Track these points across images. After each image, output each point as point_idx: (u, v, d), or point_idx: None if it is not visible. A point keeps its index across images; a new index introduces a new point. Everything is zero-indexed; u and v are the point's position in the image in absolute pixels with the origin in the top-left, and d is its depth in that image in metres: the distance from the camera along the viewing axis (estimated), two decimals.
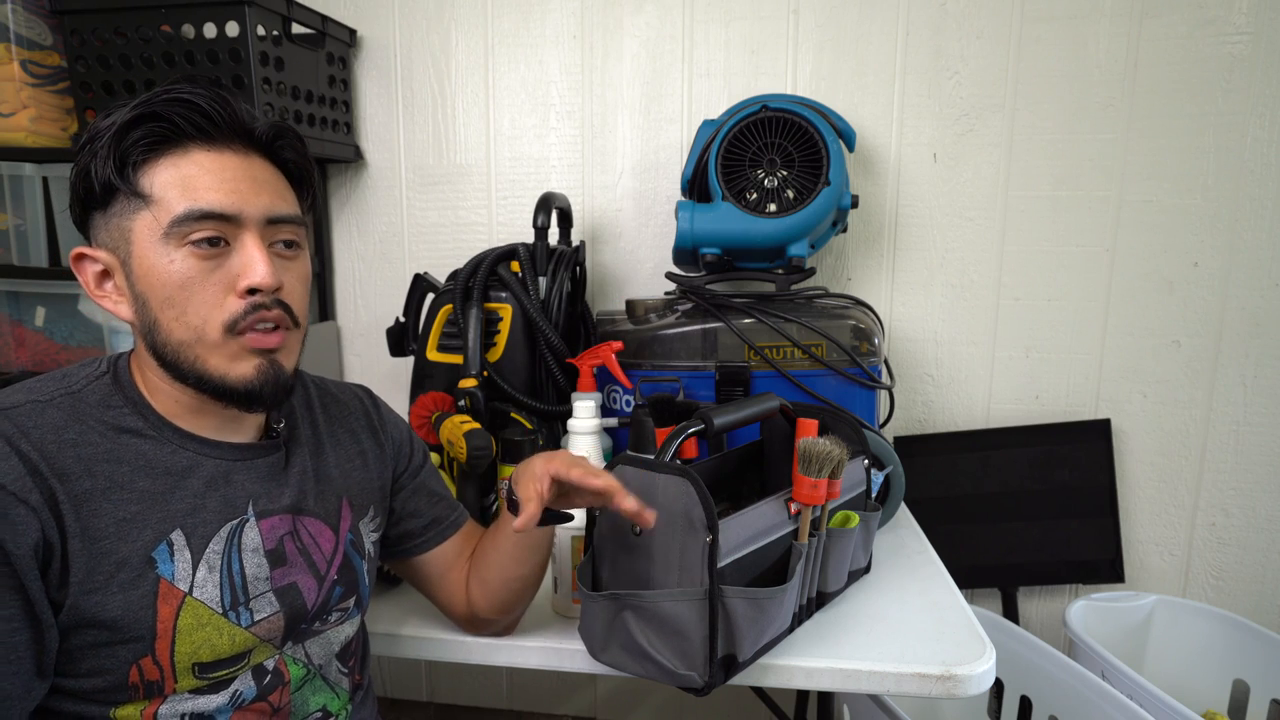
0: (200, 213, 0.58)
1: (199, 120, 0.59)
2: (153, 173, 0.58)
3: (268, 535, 0.65)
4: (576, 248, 1.24)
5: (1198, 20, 1.27)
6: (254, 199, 0.60)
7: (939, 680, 0.75)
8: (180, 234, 0.58)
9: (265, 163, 0.63)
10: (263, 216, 0.60)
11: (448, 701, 1.71)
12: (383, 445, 0.79)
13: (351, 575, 0.71)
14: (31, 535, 0.53)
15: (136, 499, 0.59)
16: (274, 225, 0.62)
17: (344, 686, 0.73)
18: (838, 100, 1.37)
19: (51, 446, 0.56)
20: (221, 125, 0.60)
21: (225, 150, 0.60)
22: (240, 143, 0.61)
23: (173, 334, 0.59)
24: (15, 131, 1.19)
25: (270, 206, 0.61)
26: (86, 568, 0.56)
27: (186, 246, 0.58)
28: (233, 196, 0.59)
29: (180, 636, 0.59)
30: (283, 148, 0.64)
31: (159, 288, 0.58)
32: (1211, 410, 1.37)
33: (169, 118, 0.58)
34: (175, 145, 0.59)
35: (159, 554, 0.59)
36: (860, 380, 1.13)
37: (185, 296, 0.58)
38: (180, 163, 0.58)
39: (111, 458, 0.59)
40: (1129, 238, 1.34)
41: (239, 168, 0.60)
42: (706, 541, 0.67)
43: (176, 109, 0.58)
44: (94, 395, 0.61)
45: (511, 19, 1.44)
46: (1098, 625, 1.32)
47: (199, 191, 0.58)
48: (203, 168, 0.59)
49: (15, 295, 1.25)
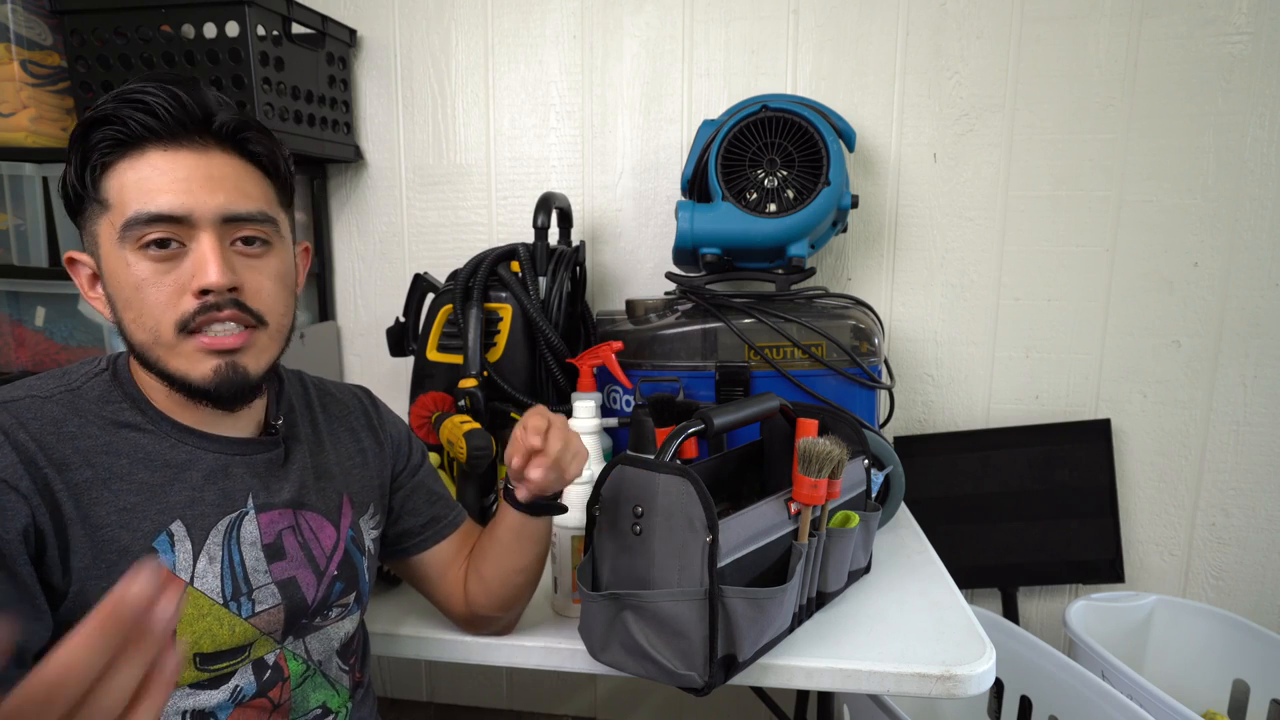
0: (148, 216, 0.57)
1: (150, 121, 0.58)
2: (111, 177, 0.58)
3: (266, 529, 0.65)
4: (576, 248, 1.24)
5: (1198, 20, 1.27)
6: (207, 198, 0.58)
7: (939, 680, 0.75)
8: (133, 237, 0.57)
9: (230, 158, 0.61)
10: (216, 215, 0.59)
11: (448, 701, 1.71)
12: (382, 444, 0.79)
13: (352, 571, 0.72)
14: (20, 520, 0.53)
15: (136, 490, 0.59)
16: (232, 224, 0.60)
17: (344, 684, 0.73)
18: (838, 100, 1.37)
19: (50, 438, 0.56)
20: (173, 124, 0.58)
21: (181, 149, 0.59)
22: (198, 139, 0.59)
23: (135, 335, 0.60)
24: (15, 131, 1.19)
25: (226, 205, 0.59)
26: (91, 555, 0.56)
27: (140, 249, 0.58)
28: (183, 197, 0.58)
29: (181, 626, 0.59)
30: (248, 140, 0.62)
31: (119, 290, 0.59)
32: (1211, 410, 1.37)
33: (122, 120, 0.57)
34: (132, 147, 0.58)
35: (160, 544, 0.59)
36: (860, 380, 1.13)
37: (140, 299, 0.58)
38: (137, 164, 0.58)
39: (110, 450, 0.59)
40: (1129, 238, 1.34)
41: (194, 166, 0.59)
42: (706, 541, 0.67)
43: (128, 110, 0.57)
44: (93, 391, 0.61)
45: (511, 19, 1.44)
46: (1098, 625, 1.31)
47: (149, 194, 0.57)
48: (156, 169, 0.58)
49: (15, 295, 1.25)
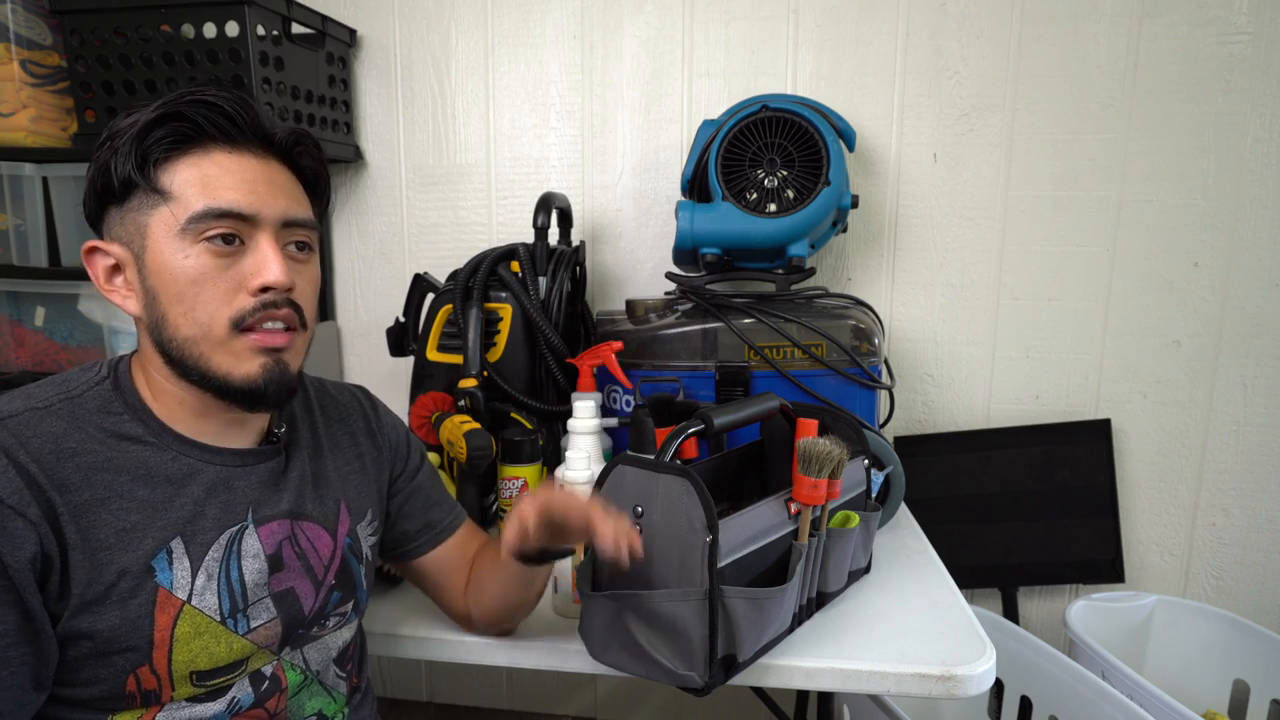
0: (218, 210, 0.58)
1: (222, 122, 0.60)
2: (173, 170, 0.59)
3: (267, 541, 0.65)
4: (576, 248, 1.24)
5: (1198, 20, 1.27)
6: (271, 201, 0.61)
7: (939, 680, 0.75)
8: (197, 230, 0.58)
9: (282, 167, 0.64)
10: (279, 218, 0.61)
11: (448, 701, 1.71)
12: (380, 448, 0.79)
13: (349, 580, 0.71)
14: (29, 549, 0.53)
15: (136, 508, 0.58)
16: (289, 228, 0.63)
17: (341, 690, 0.73)
18: (838, 100, 1.37)
19: (50, 457, 0.56)
20: (243, 128, 0.61)
21: (245, 153, 0.61)
22: (260, 146, 0.62)
23: (179, 330, 0.59)
24: (15, 131, 1.19)
25: (287, 209, 0.62)
26: (88, 578, 0.55)
27: (202, 243, 0.59)
28: (250, 197, 0.60)
29: (178, 645, 0.59)
30: (301, 154, 0.66)
31: (170, 283, 0.59)
32: (1211, 410, 1.36)
33: (193, 118, 0.59)
34: (197, 145, 0.60)
35: (158, 562, 0.58)
36: (860, 380, 1.13)
37: (196, 292, 0.59)
38: (201, 162, 0.59)
39: (111, 466, 0.58)
40: (1129, 238, 1.34)
41: (258, 170, 0.61)
42: (706, 541, 0.67)
43: (200, 110, 0.59)
44: (94, 401, 0.61)
45: (511, 19, 1.44)
46: (1098, 625, 1.31)
47: (218, 190, 0.59)
48: (223, 168, 0.60)
49: (15, 295, 1.25)
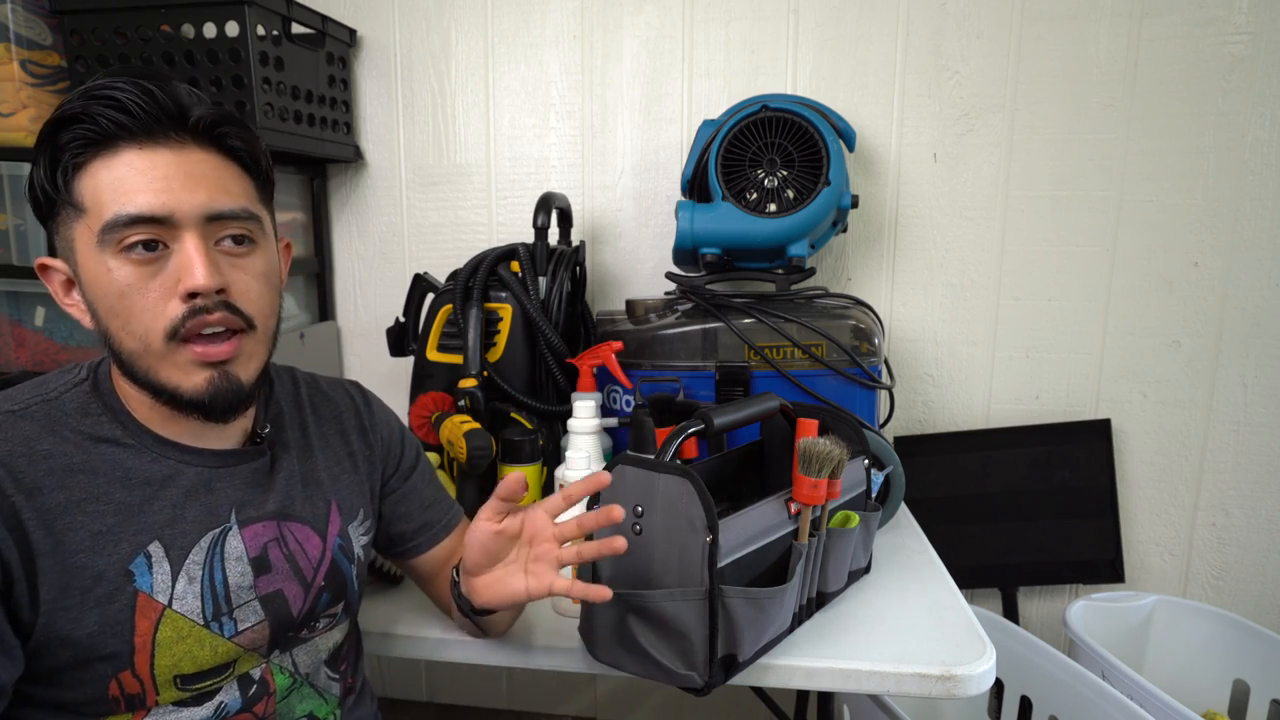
0: (129, 217, 0.54)
1: (122, 118, 0.54)
2: (85, 178, 0.55)
3: (251, 543, 0.63)
4: (576, 248, 1.24)
5: (1198, 20, 1.27)
6: (188, 197, 0.56)
7: (939, 680, 0.75)
8: (113, 241, 0.54)
9: (208, 154, 0.58)
10: (200, 214, 0.56)
11: (448, 701, 1.71)
12: (372, 447, 0.76)
13: (339, 581, 0.70)
14: None
15: (113, 511, 0.56)
16: (217, 222, 0.58)
17: (333, 692, 0.72)
18: (838, 100, 1.37)
19: (22, 460, 0.54)
20: (147, 120, 0.55)
21: (158, 147, 0.56)
22: (175, 136, 0.56)
23: (124, 344, 0.57)
24: (15, 131, 1.19)
25: (208, 203, 0.56)
26: (60, 585, 0.54)
27: (121, 253, 0.55)
28: (163, 197, 0.55)
29: (160, 650, 0.57)
30: (226, 135, 0.59)
31: (102, 298, 0.56)
32: (1211, 410, 1.36)
33: (92, 117, 0.54)
34: (105, 146, 0.55)
35: (136, 566, 0.56)
36: (860, 380, 1.13)
37: (126, 306, 0.55)
38: (112, 164, 0.55)
39: (87, 469, 0.56)
40: (1129, 238, 1.34)
41: (171, 165, 0.56)
42: (706, 541, 0.67)
43: (99, 107, 0.54)
44: (71, 403, 0.59)
45: (511, 19, 1.44)
46: (1098, 625, 1.31)
47: (127, 194, 0.54)
48: (133, 168, 0.55)
49: (15, 295, 1.25)
